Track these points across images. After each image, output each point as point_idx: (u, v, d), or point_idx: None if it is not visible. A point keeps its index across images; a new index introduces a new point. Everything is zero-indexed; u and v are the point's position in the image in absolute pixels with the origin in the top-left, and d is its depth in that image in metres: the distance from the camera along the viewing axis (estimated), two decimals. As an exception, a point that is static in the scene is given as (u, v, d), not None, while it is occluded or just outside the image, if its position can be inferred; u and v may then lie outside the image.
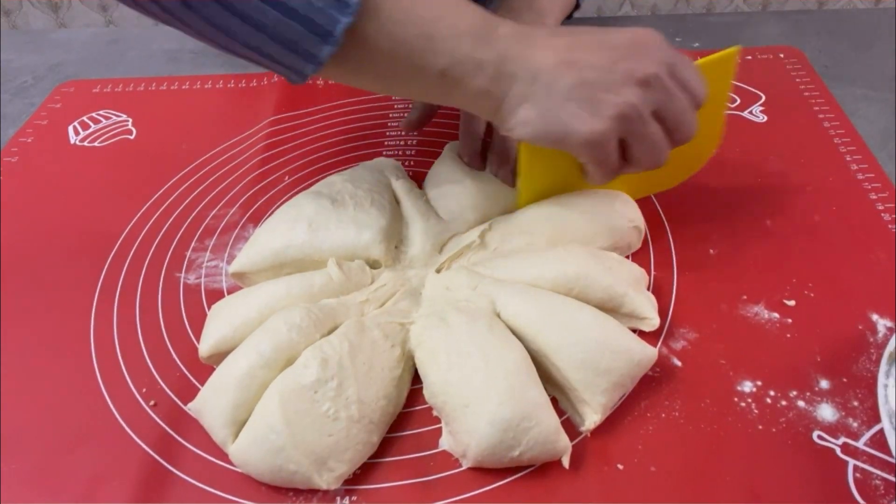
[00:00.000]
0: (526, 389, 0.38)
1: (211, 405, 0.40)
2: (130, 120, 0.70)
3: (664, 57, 0.41)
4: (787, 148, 0.60)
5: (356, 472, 0.40)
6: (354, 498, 0.39)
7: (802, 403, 0.41)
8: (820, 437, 0.40)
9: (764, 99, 0.65)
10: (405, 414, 0.43)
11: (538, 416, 0.38)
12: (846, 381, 0.42)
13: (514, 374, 0.39)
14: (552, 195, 0.50)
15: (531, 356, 0.41)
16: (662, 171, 0.45)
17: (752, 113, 0.64)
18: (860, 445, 0.39)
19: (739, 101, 0.65)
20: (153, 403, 0.44)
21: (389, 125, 0.66)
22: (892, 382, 0.39)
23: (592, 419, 0.40)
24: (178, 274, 0.53)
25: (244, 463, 0.39)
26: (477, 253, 0.49)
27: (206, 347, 0.44)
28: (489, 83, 0.41)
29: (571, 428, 0.41)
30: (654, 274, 0.50)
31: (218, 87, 0.73)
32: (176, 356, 0.47)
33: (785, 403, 0.42)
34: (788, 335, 0.45)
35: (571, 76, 0.40)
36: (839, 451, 0.39)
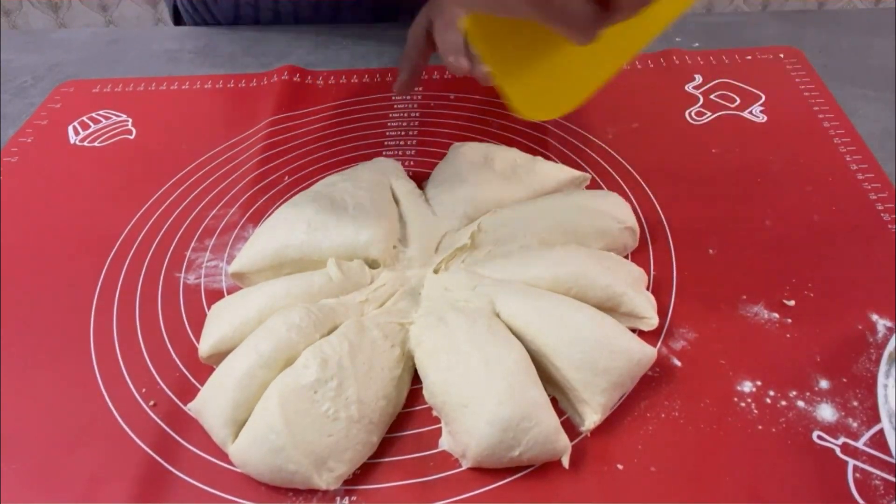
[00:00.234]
0: (525, 389, 0.38)
1: (210, 405, 0.40)
2: (130, 120, 0.70)
3: None
4: (787, 148, 0.60)
5: (356, 472, 0.40)
6: (354, 498, 0.39)
7: (802, 403, 0.41)
8: (820, 437, 0.40)
9: (764, 99, 0.65)
10: (405, 414, 0.43)
11: (538, 415, 0.38)
12: (846, 381, 0.42)
13: (513, 373, 0.39)
14: (529, 62, 0.39)
15: (531, 356, 0.41)
16: (647, 14, 0.35)
17: (752, 113, 0.64)
18: (860, 445, 0.39)
19: (739, 101, 0.65)
20: (153, 403, 0.44)
21: (389, 125, 0.66)
22: (891, 382, 0.39)
23: (592, 419, 0.40)
24: (177, 274, 0.53)
25: (244, 463, 0.39)
26: (471, 255, 0.49)
27: (205, 347, 0.44)
28: None
29: (571, 428, 0.41)
30: (653, 274, 0.50)
31: (218, 87, 0.73)
32: (175, 356, 0.47)
33: (785, 403, 0.42)
34: (788, 335, 0.45)
35: None
36: (839, 451, 0.39)
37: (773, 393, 0.42)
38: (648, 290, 0.48)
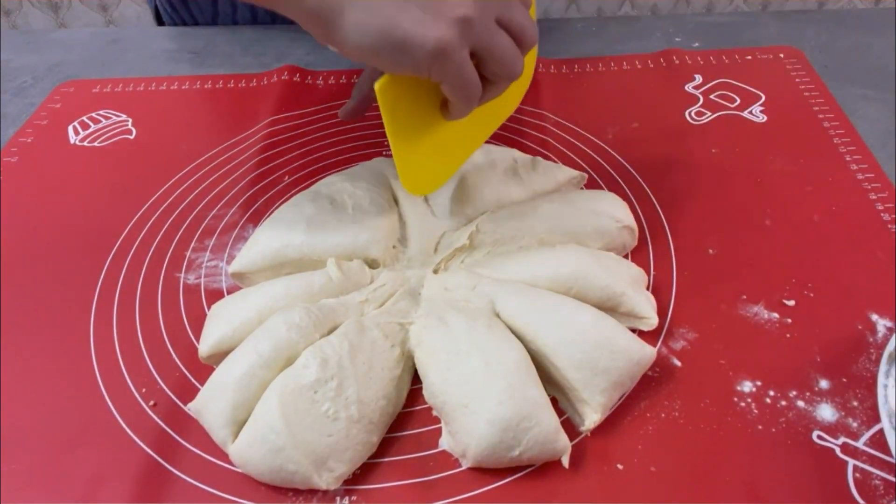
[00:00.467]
0: (525, 389, 0.38)
1: (210, 405, 0.40)
2: (130, 120, 0.70)
3: None
4: (787, 148, 0.60)
5: (356, 472, 0.40)
6: (354, 498, 0.39)
7: (802, 403, 0.41)
8: (820, 437, 0.40)
9: (764, 99, 0.65)
10: (405, 414, 0.43)
11: (538, 415, 0.38)
12: (846, 381, 0.42)
13: (513, 373, 0.39)
14: (426, 141, 0.45)
15: (531, 356, 0.41)
16: (497, 102, 0.43)
17: (752, 113, 0.64)
18: (860, 445, 0.39)
19: (739, 101, 0.65)
20: (153, 403, 0.44)
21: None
22: (891, 382, 0.39)
23: (592, 419, 0.40)
24: (177, 274, 0.53)
25: (244, 463, 0.39)
26: (470, 255, 0.49)
27: (205, 347, 0.44)
28: None
29: (571, 428, 0.41)
30: (653, 274, 0.50)
31: (218, 87, 0.73)
32: (175, 356, 0.47)
33: (785, 403, 0.42)
34: (788, 335, 0.45)
35: None
36: (839, 451, 0.39)
37: (773, 393, 0.42)
38: (648, 290, 0.48)
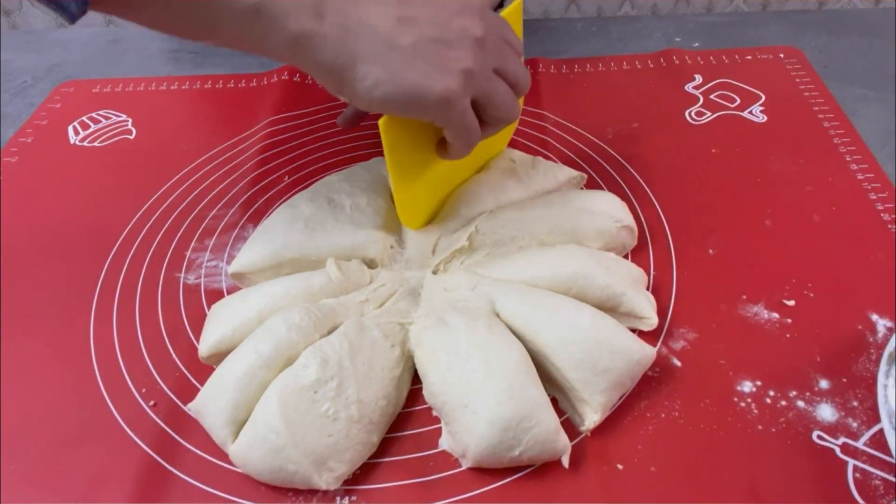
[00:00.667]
0: (525, 389, 0.38)
1: (210, 405, 0.40)
2: (130, 120, 0.70)
3: (487, 17, 0.42)
4: (787, 148, 0.60)
5: (356, 472, 0.40)
6: (354, 498, 0.39)
7: (802, 403, 0.41)
8: (820, 437, 0.40)
9: (764, 99, 0.65)
10: (405, 414, 0.43)
11: (538, 415, 0.38)
12: (846, 381, 0.42)
13: (513, 373, 0.39)
14: (423, 176, 0.48)
15: (531, 356, 0.41)
16: (487, 141, 0.46)
17: (752, 113, 0.64)
18: (860, 445, 0.39)
19: (739, 101, 0.65)
20: (153, 403, 0.44)
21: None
22: (891, 382, 0.39)
23: (592, 419, 0.40)
24: (177, 274, 0.53)
25: (244, 463, 0.39)
26: (470, 256, 0.49)
27: (205, 347, 0.44)
28: (314, 27, 0.37)
29: (571, 428, 0.41)
30: (653, 274, 0.50)
31: (218, 87, 0.73)
32: (175, 356, 0.47)
33: (785, 403, 0.42)
34: (788, 335, 0.45)
35: (413, 33, 0.39)
36: (839, 451, 0.39)
37: (772, 393, 0.42)
38: (648, 290, 0.48)
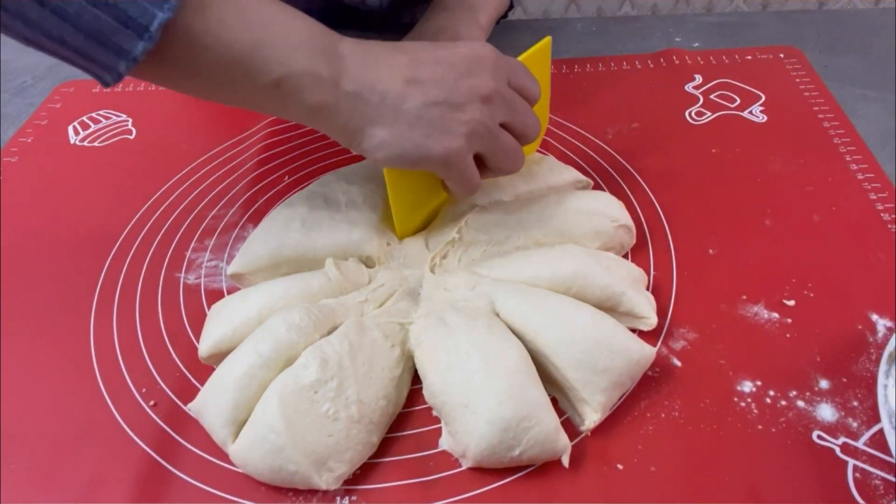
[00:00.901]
0: (525, 389, 0.38)
1: (211, 405, 0.40)
2: (130, 120, 0.70)
3: (499, 69, 0.43)
4: (787, 148, 0.60)
5: (356, 472, 0.40)
6: (354, 498, 0.39)
7: (802, 403, 0.41)
8: (820, 437, 0.40)
9: (764, 99, 0.65)
10: (405, 414, 0.43)
11: (538, 415, 0.38)
12: (846, 381, 0.42)
13: (513, 373, 0.39)
14: (424, 211, 0.51)
15: (530, 356, 0.41)
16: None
17: (752, 113, 0.64)
18: (860, 445, 0.39)
19: (739, 101, 0.65)
20: (153, 403, 0.44)
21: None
22: (891, 382, 0.39)
23: (592, 418, 0.40)
24: (177, 274, 0.53)
25: (244, 463, 0.39)
26: (466, 252, 0.49)
27: (205, 347, 0.44)
28: (329, 99, 0.40)
29: (571, 428, 0.41)
30: (653, 274, 0.50)
31: (218, 87, 0.73)
32: (176, 356, 0.47)
33: (785, 403, 0.42)
34: (788, 335, 0.45)
35: (418, 96, 0.40)
36: (839, 451, 0.39)
37: (772, 393, 0.42)
38: (648, 290, 0.48)
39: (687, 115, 0.65)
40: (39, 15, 0.34)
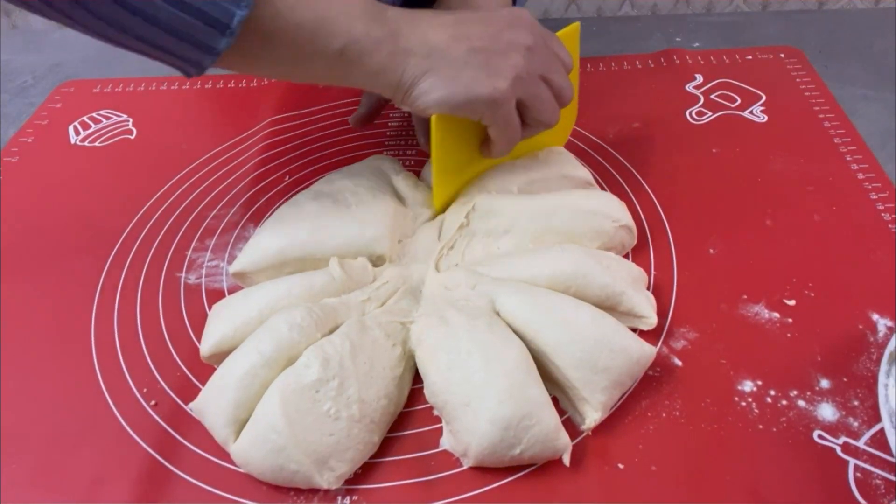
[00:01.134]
0: (526, 388, 0.38)
1: (212, 405, 0.41)
2: (130, 120, 0.70)
3: (537, 30, 0.46)
4: (787, 148, 0.60)
5: (357, 471, 0.40)
6: (355, 497, 0.39)
7: (803, 403, 0.42)
8: (820, 436, 0.40)
9: (764, 99, 0.65)
10: (406, 413, 0.43)
11: (539, 414, 0.38)
12: (846, 380, 0.42)
13: (514, 372, 0.39)
14: (461, 172, 0.52)
15: (531, 355, 0.41)
16: (537, 139, 0.50)
17: (752, 113, 0.64)
18: (861, 445, 0.39)
19: (740, 101, 0.66)
20: (154, 403, 0.44)
21: (390, 125, 0.66)
22: (892, 382, 0.39)
23: (593, 417, 0.40)
24: (178, 274, 0.53)
25: (245, 462, 0.39)
26: (470, 245, 0.49)
27: (206, 347, 0.45)
28: (387, 59, 0.42)
29: (572, 427, 0.41)
30: (653, 274, 0.50)
31: (218, 86, 0.74)
32: (177, 356, 0.47)
33: (785, 403, 0.42)
34: (789, 335, 0.45)
35: (464, 46, 0.43)
36: (840, 450, 0.39)
37: (773, 392, 0.42)
38: (649, 289, 0.48)
39: (687, 114, 0.65)
40: (131, 21, 0.37)
